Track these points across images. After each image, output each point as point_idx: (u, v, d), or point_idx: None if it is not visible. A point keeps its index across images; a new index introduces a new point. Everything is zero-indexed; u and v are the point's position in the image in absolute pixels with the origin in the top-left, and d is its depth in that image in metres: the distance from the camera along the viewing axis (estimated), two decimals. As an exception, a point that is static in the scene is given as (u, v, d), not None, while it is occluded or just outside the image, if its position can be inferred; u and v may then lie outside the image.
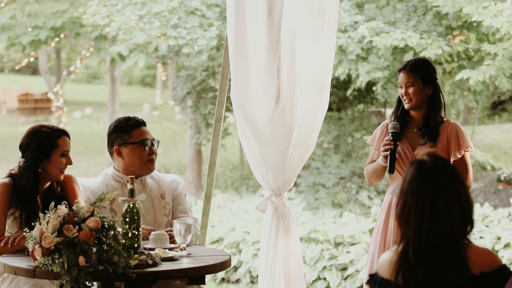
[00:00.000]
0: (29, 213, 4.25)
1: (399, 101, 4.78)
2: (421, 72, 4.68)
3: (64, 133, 4.36)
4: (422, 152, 4.64)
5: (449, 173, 2.84)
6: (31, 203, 4.28)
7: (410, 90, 4.67)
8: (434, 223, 2.80)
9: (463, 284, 2.79)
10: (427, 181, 2.82)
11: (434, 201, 2.80)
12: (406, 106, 4.71)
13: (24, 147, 4.31)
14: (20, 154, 4.34)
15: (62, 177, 4.36)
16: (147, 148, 4.56)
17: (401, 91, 4.72)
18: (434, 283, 2.79)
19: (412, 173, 2.86)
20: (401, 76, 4.71)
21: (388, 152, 4.63)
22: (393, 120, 4.78)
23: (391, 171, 4.64)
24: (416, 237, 2.81)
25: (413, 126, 4.75)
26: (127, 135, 4.56)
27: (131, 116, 4.66)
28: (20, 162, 4.32)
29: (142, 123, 4.62)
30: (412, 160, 2.91)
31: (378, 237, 4.75)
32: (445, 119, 4.73)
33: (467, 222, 2.83)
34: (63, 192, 4.39)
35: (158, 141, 4.64)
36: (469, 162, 4.70)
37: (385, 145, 4.65)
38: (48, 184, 4.37)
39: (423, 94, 4.68)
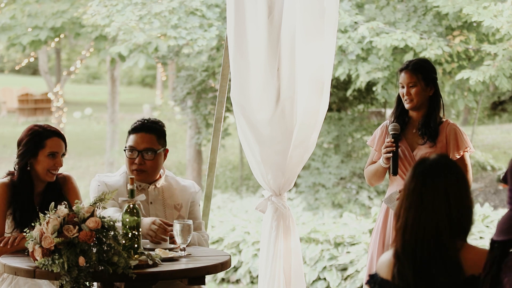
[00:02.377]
0: (23, 212, 4.25)
1: (399, 101, 4.77)
2: (423, 72, 4.67)
3: (55, 134, 4.32)
4: (421, 152, 4.64)
5: (443, 172, 2.85)
6: (24, 202, 4.27)
7: (412, 90, 4.66)
8: (418, 219, 2.82)
9: (455, 286, 2.79)
10: (418, 176, 2.86)
11: (421, 196, 2.83)
12: (406, 106, 4.70)
13: (18, 143, 4.35)
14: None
15: (51, 179, 4.32)
16: (128, 157, 4.45)
17: (402, 91, 4.70)
18: (423, 280, 2.80)
19: (410, 170, 2.92)
20: (403, 76, 4.70)
21: (390, 154, 4.62)
22: (393, 121, 4.77)
23: (395, 173, 4.64)
24: (402, 231, 2.84)
25: (412, 127, 4.74)
26: (127, 137, 4.53)
27: (147, 119, 4.49)
28: (14, 161, 4.35)
29: (141, 129, 4.45)
30: (412, 160, 2.95)
31: (377, 238, 4.76)
32: (444, 120, 4.72)
33: (457, 223, 2.83)
34: (61, 193, 4.38)
35: (154, 152, 4.42)
36: (469, 162, 4.69)
37: (386, 147, 4.64)
38: (45, 184, 4.36)
39: (424, 94, 4.68)
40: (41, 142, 4.28)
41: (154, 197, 4.49)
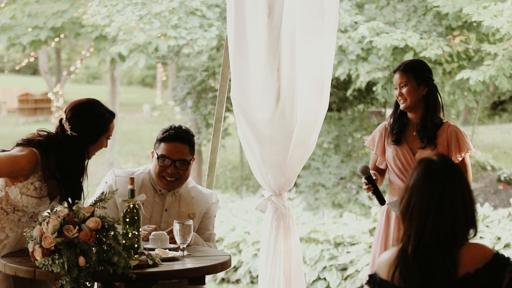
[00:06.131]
0: (67, 191, 4.12)
1: (397, 104, 4.77)
2: (414, 71, 4.66)
3: (114, 116, 4.24)
4: (422, 155, 4.61)
5: (456, 174, 2.85)
6: (73, 183, 4.17)
7: (404, 90, 4.66)
8: (437, 222, 2.80)
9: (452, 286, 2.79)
10: (435, 179, 2.83)
11: (440, 200, 2.81)
12: (401, 106, 4.69)
13: (79, 123, 4.12)
14: (64, 118, 4.10)
15: None
16: (161, 164, 4.46)
17: (396, 92, 4.71)
18: (428, 282, 2.79)
19: (420, 171, 2.86)
20: (395, 77, 4.71)
21: (371, 193, 4.64)
22: (391, 122, 4.76)
23: (382, 203, 4.66)
24: (418, 233, 2.81)
25: (412, 129, 4.72)
26: (158, 144, 4.51)
27: (180, 128, 4.48)
28: (65, 130, 4.11)
29: (175, 139, 4.44)
30: (421, 159, 2.92)
31: (379, 240, 4.75)
32: (445, 121, 4.71)
33: (470, 225, 2.84)
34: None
35: (188, 163, 4.48)
36: (469, 164, 4.69)
37: (365, 189, 4.66)
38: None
39: (417, 94, 4.66)
40: (106, 127, 4.19)
41: (169, 204, 4.49)
